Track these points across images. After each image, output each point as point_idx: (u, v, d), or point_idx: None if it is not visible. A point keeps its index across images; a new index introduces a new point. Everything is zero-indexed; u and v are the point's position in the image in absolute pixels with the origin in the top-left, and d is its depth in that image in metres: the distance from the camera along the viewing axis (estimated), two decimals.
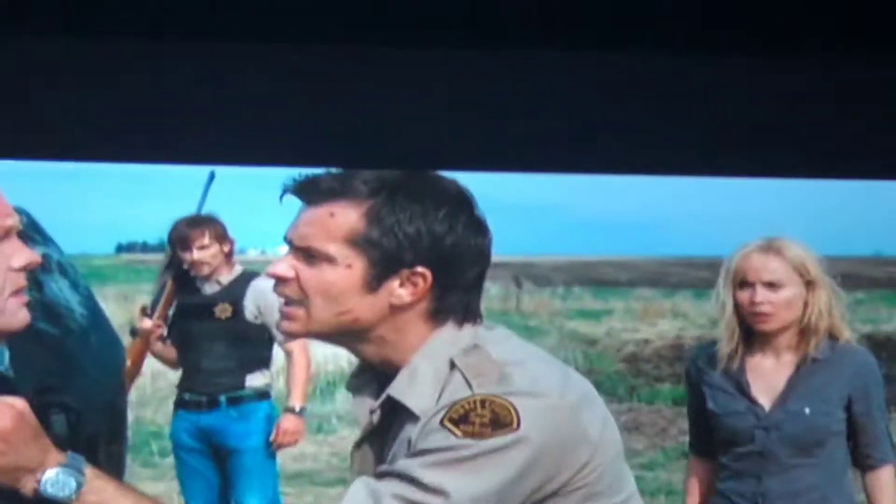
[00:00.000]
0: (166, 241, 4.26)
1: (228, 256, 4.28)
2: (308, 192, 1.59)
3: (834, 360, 2.71)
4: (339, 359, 9.38)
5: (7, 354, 1.66)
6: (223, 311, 4.24)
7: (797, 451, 2.68)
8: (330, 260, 1.55)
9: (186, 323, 4.22)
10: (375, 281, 1.55)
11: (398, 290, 1.57)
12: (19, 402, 1.46)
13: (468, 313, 1.60)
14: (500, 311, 14.45)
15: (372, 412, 1.60)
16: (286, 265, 1.58)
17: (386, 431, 1.59)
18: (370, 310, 1.57)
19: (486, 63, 0.80)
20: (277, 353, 4.43)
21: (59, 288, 2.12)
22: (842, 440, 2.71)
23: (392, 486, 1.48)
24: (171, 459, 5.74)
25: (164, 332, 4.16)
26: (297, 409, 4.30)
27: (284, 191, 1.59)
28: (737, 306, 2.73)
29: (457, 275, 1.58)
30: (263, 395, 4.31)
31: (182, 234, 4.17)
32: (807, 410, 2.68)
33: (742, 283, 2.72)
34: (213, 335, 4.25)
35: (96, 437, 1.95)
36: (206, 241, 4.17)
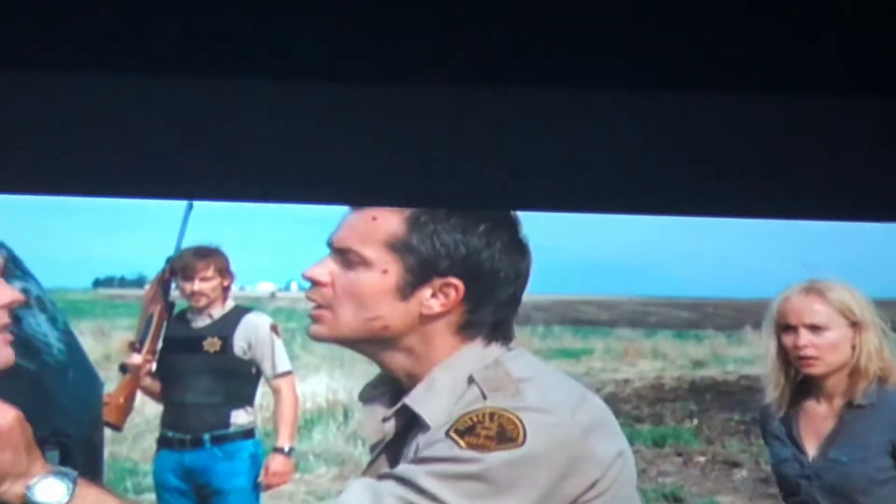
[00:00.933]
0: (166, 270, 4.21)
1: (226, 291, 4.27)
2: None
3: (878, 406, 2.66)
4: (317, 397, 9.32)
5: None
6: (212, 344, 4.22)
7: (842, 502, 2.62)
8: (367, 264, 1.58)
9: (173, 356, 4.19)
10: (408, 288, 1.57)
11: (429, 300, 1.58)
12: (17, 410, 1.47)
13: (497, 332, 1.62)
14: None
15: (385, 420, 1.61)
16: (323, 269, 1.61)
17: (398, 446, 1.60)
18: (401, 318, 1.59)
19: (475, 102, 0.80)
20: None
21: (37, 323, 2.10)
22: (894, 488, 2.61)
23: (393, 488, 1.48)
24: (148, 496, 5.68)
25: (154, 367, 4.12)
26: (286, 449, 4.27)
27: None
28: (785, 351, 2.70)
29: (490, 291, 1.60)
30: (248, 433, 4.27)
31: (187, 264, 4.17)
32: (843, 458, 2.62)
33: (786, 326, 2.69)
34: (200, 369, 4.23)
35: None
36: (210, 273, 4.17)
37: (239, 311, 4.30)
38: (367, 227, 1.59)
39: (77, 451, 2.02)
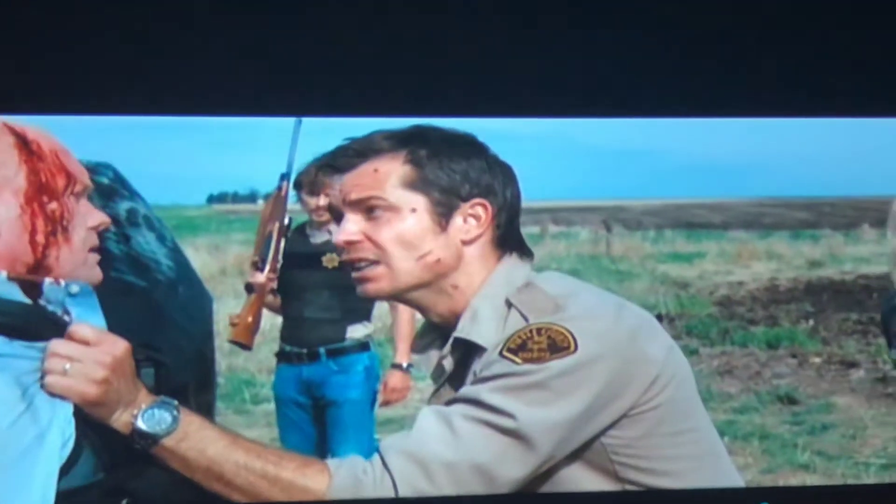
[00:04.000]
0: (283, 186, 4.18)
1: None
2: (342, 159, 1.63)
3: None
4: None
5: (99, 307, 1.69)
6: (331, 260, 4.24)
7: None
8: (393, 209, 1.60)
9: (292, 272, 4.21)
10: (442, 219, 1.62)
11: (464, 225, 1.61)
12: (127, 341, 1.53)
13: (523, 247, 1.66)
14: (589, 255, 14.37)
15: (442, 358, 1.65)
16: (352, 227, 1.62)
17: (458, 377, 1.64)
18: (447, 249, 1.62)
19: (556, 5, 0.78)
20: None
21: (145, 241, 2.14)
22: None
23: (460, 409, 1.53)
24: (263, 407, 5.80)
25: (276, 284, 4.14)
26: (405, 365, 4.31)
27: (321, 166, 1.66)
28: None
29: (509, 205, 1.64)
30: (363, 346, 4.31)
31: (315, 179, 4.17)
32: None
33: None
34: (318, 285, 4.27)
35: (185, 387, 1.99)
36: None
37: None
38: (375, 177, 1.60)
39: (189, 366, 2.08)
